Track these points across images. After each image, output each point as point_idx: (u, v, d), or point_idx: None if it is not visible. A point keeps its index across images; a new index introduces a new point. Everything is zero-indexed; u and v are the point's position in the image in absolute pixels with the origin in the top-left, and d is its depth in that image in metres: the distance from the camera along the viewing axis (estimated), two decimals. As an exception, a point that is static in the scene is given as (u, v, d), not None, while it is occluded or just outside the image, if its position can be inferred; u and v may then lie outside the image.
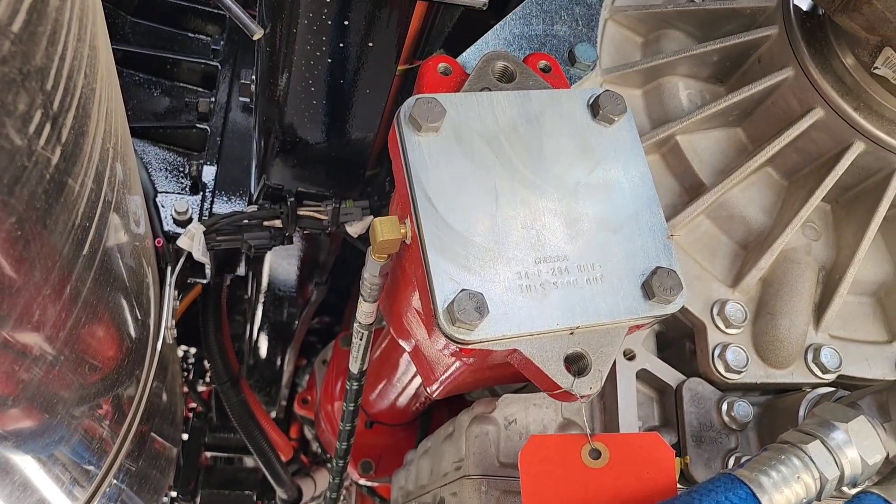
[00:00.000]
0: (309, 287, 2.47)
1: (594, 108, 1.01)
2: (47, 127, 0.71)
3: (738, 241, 1.19)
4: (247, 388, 1.99)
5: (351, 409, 1.26)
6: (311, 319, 2.46)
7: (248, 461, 3.15)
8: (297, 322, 2.66)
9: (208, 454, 3.02)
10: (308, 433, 3.00)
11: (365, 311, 1.09)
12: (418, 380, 1.68)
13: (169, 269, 1.61)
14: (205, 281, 1.88)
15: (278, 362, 2.90)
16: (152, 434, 1.81)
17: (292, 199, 1.44)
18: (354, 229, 1.46)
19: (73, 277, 0.95)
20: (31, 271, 0.80)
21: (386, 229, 0.94)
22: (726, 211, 1.18)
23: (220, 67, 1.79)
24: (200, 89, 1.81)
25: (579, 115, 1.01)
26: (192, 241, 1.40)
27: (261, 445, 1.97)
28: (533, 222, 0.94)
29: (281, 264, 2.12)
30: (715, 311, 1.12)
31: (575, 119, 1.01)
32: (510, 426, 1.04)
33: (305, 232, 1.49)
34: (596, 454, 0.87)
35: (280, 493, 2.26)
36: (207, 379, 3.47)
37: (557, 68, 1.10)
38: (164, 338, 1.58)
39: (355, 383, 1.22)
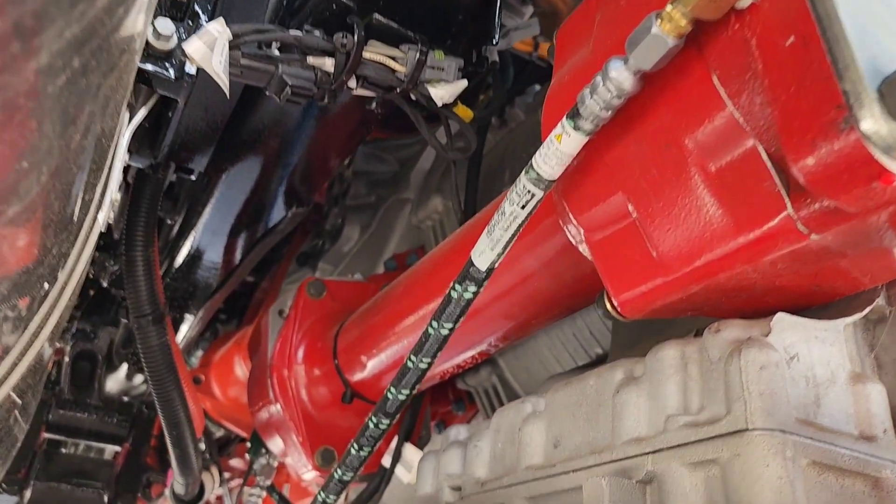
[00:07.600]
0: (243, 233, 1.93)
1: None
2: None
3: None
4: (171, 331, 1.43)
5: (426, 365, 0.80)
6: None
7: (99, 448, 2.48)
8: (212, 277, 2.09)
9: (47, 436, 2.32)
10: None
11: (565, 150, 0.65)
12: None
13: (127, 113, 1.08)
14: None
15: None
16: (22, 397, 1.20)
17: (361, 33, 0.97)
18: (440, 93, 1.01)
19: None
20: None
21: (734, -37, 0.53)
22: None
23: None
24: None
25: None
26: (212, 51, 0.89)
27: (176, 413, 1.41)
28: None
29: (237, 179, 1.59)
30: None
31: None
32: (792, 363, 0.64)
33: (359, 90, 1.02)
34: None
35: (177, 484, 1.67)
36: (57, 343, 2.75)
37: None
38: (107, 213, 1.05)
39: (472, 286, 0.76)
